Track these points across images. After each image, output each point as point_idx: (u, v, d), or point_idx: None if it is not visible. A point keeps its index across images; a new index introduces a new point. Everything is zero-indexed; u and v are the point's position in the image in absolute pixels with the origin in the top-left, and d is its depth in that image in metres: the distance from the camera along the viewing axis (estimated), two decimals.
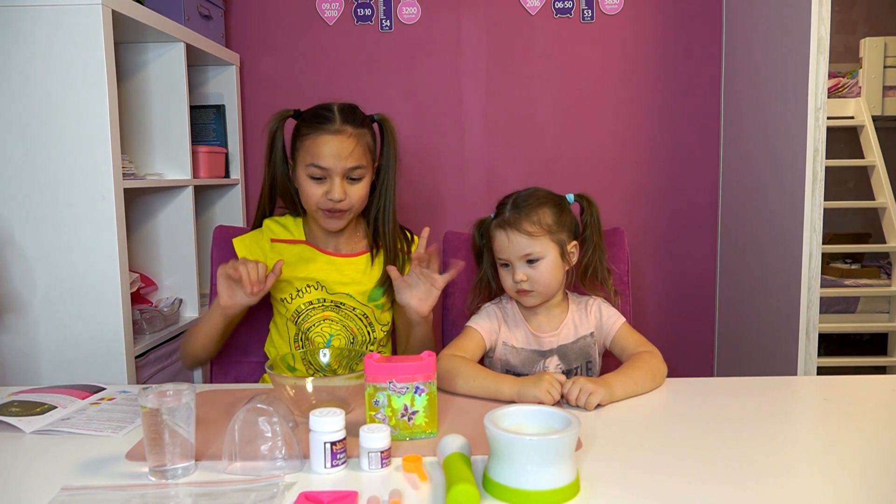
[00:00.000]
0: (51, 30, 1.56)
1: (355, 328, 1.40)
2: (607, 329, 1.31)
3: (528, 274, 1.26)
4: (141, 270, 2.01)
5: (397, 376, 0.96)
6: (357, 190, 1.35)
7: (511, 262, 1.27)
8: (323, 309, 1.38)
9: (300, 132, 1.36)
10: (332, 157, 1.31)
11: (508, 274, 1.29)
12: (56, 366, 1.63)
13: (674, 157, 2.50)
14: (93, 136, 1.58)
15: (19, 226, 1.60)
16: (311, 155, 1.32)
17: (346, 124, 1.33)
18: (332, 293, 1.39)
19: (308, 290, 1.38)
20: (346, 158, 1.32)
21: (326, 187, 1.33)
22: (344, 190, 1.33)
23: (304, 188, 1.35)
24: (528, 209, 1.27)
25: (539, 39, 2.46)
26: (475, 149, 2.51)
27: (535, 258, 1.26)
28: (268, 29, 2.47)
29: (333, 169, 1.32)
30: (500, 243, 1.28)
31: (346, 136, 1.32)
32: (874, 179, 2.86)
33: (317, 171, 1.32)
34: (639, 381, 1.16)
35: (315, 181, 1.34)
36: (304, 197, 1.37)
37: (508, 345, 1.31)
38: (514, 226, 1.26)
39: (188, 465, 0.86)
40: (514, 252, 1.26)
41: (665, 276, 2.55)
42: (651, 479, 0.83)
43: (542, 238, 1.26)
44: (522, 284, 1.26)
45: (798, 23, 1.85)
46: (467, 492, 0.74)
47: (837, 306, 2.88)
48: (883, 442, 0.96)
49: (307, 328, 1.38)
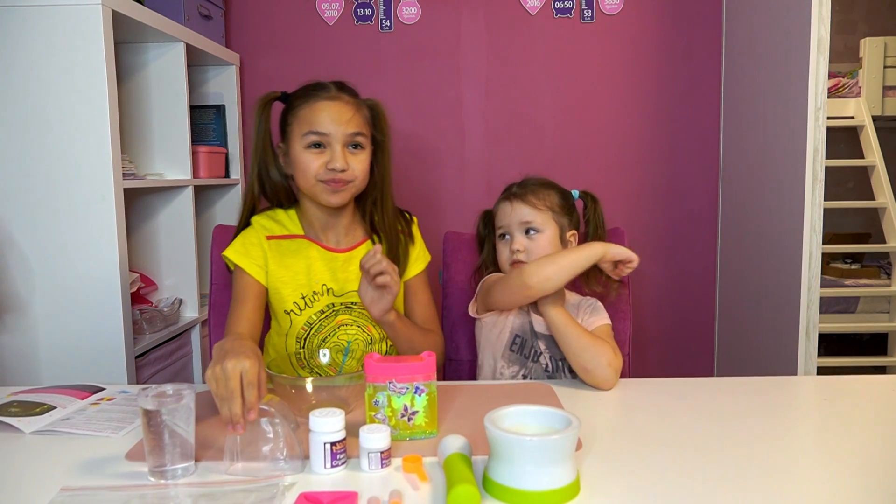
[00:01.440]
0: (51, 30, 1.56)
1: (371, 326, 1.32)
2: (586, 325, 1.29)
3: (525, 244, 1.28)
4: (141, 270, 2.01)
5: (397, 376, 0.96)
6: (359, 162, 1.26)
7: (511, 230, 1.30)
8: (336, 314, 1.31)
9: (292, 106, 1.28)
10: (331, 123, 1.23)
11: (506, 246, 1.30)
12: (56, 366, 1.63)
13: (674, 157, 2.50)
14: (93, 136, 1.58)
15: (19, 226, 1.60)
16: (308, 122, 1.23)
17: (342, 92, 1.27)
18: (341, 294, 1.31)
19: (317, 297, 1.30)
20: (347, 123, 1.24)
21: (326, 157, 1.23)
22: (346, 160, 1.24)
23: (302, 161, 1.24)
24: (536, 188, 1.32)
25: (539, 39, 2.46)
26: (475, 149, 2.51)
27: (534, 229, 1.28)
28: (268, 29, 2.47)
29: (334, 134, 1.23)
30: (503, 212, 1.31)
31: (344, 102, 1.26)
32: (874, 179, 2.86)
33: (315, 137, 1.23)
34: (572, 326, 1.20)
35: (314, 151, 1.24)
36: (300, 173, 1.26)
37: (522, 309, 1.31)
38: (520, 197, 1.30)
39: (188, 465, 0.86)
40: (515, 218, 1.29)
41: (665, 276, 2.55)
42: (651, 479, 0.83)
43: (544, 213, 1.30)
44: (519, 255, 1.27)
45: (798, 23, 1.85)
46: (468, 492, 0.74)
47: (837, 306, 2.88)
48: (883, 442, 0.96)
49: (322, 338, 1.29)
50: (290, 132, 1.28)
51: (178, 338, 2.00)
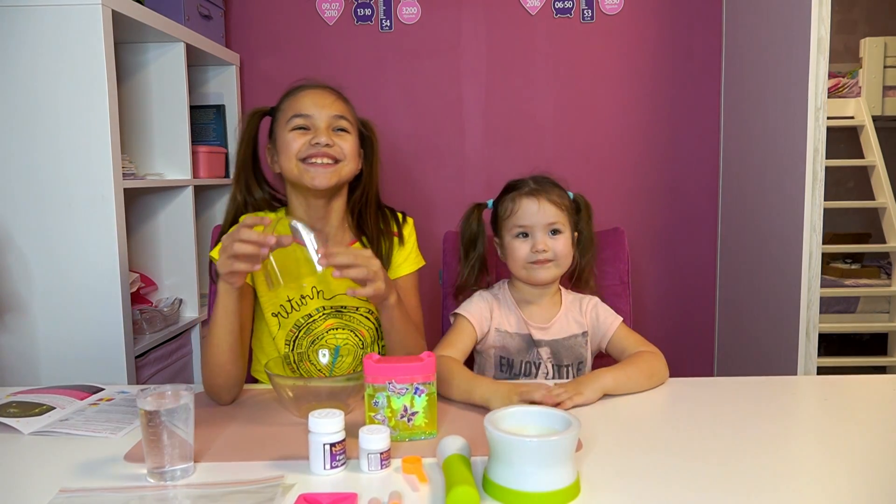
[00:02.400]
0: (51, 30, 1.55)
1: (364, 329, 1.32)
2: (604, 330, 1.30)
3: (549, 244, 1.25)
4: (141, 270, 2.01)
5: (397, 377, 0.96)
6: (346, 143, 1.26)
7: (534, 230, 1.26)
8: (325, 318, 1.30)
9: (278, 106, 1.30)
10: (314, 106, 1.24)
11: (526, 243, 1.26)
12: (55, 366, 1.62)
13: (674, 157, 2.50)
14: (93, 136, 1.58)
15: (19, 226, 1.60)
16: (292, 108, 1.25)
17: (326, 86, 1.30)
18: (330, 298, 1.30)
19: (305, 300, 1.29)
20: (330, 106, 1.25)
21: (310, 136, 1.23)
22: (331, 137, 1.24)
23: (286, 144, 1.24)
24: (551, 187, 1.30)
25: (539, 39, 2.46)
26: (475, 149, 2.51)
27: (558, 229, 1.27)
28: (268, 29, 2.47)
29: (317, 116, 1.24)
30: (528, 209, 1.26)
31: (328, 90, 1.29)
32: (874, 179, 2.85)
33: (300, 120, 1.24)
34: (633, 376, 1.15)
35: (298, 133, 1.24)
36: (285, 156, 1.24)
37: (502, 330, 1.29)
38: (545, 195, 1.27)
39: (187, 466, 0.86)
40: (543, 218, 1.26)
41: (665, 275, 2.55)
42: (651, 480, 0.83)
43: (565, 213, 1.28)
44: (544, 254, 1.25)
45: (798, 23, 1.85)
46: (467, 493, 0.74)
47: (837, 306, 2.88)
48: (883, 442, 0.96)
49: (311, 341, 1.29)
50: (276, 128, 1.29)
51: (178, 338, 2.00)
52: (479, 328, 1.28)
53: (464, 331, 1.27)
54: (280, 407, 1.08)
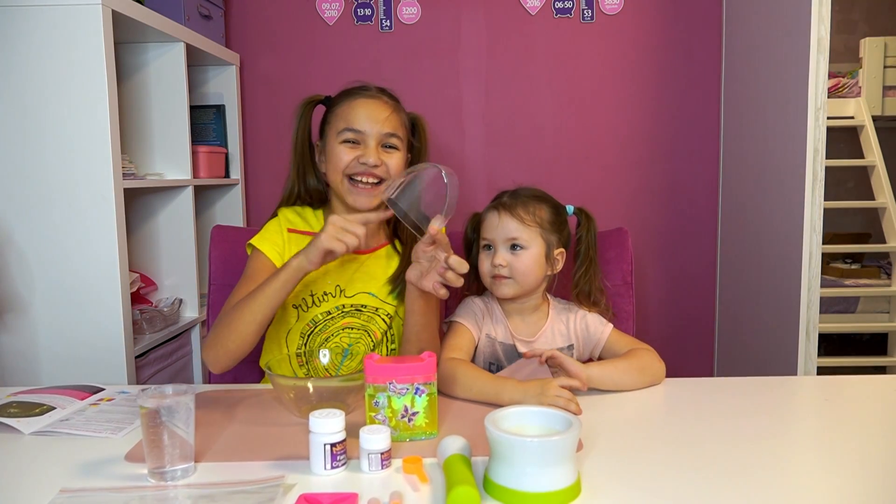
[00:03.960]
0: (51, 30, 1.55)
1: (378, 331, 1.31)
2: (596, 338, 1.29)
3: (508, 259, 1.24)
4: (141, 270, 2.01)
5: (397, 377, 0.96)
6: (393, 160, 1.26)
7: (495, 244, 1.25)
8: (343, 316, 1.29)
9: (333, 105, 1.29)
10: (367, 120, 1.24)
11: (488, 257, 1.26)
12: (56, 366, 1.62)
13: (674, 157, 2.50)
14: (93, 137, 1.58)
15: (19, 226, 1.60)
16: (345, 119, 1.25)
17: (382, 94, 1.30)
18: (351, 296, 1.30)
19: (326, 297, 1.29)
20: (383, 123, 1.24)
21: (359, 152, 1.24)
22: (379, 156, 1.24)
23: (334, 154, 1.25)
24: (527, 200, 1.27)
25: (539, 39, 2.46)
26: (475, 149, 2.51)
27: (519, 245, 1.24)
28: (268, 29, 2.47)
29: (369, 132, 1.24)
30: (490, 223, 1.26)
31: (383, 102, 1.28)
32: (874, 179, 2.86)
33: (350, 134, 1.24)
34: (620, 367, 1.16)
35: (348, 146, 1.24)
36: (332, 167, 1.26)
37: (491, 337, 1.29)
38: (509, 209, 1.25)
39: (187, 466, 0.86)
40: (501, 233, 1.24)
41: (665, 276, 2.55)
42: (652, 480, 0.83)
43: (532, 228, 1.25)
44: (501, 270, 1.23)
45: (798, 23, 1.85)
46: (468, 493, 0.74)
47: (837, 306, 2.88)
48: (883, 442, 0.96)
49: (325, 338, 1.28)
50: (327, 130, 1.30)
51: (178, 338, 2.00)
52: (475, 333, 1.28)
53: (464, 335, 1.27)
54: (280, 407, 1.08)
